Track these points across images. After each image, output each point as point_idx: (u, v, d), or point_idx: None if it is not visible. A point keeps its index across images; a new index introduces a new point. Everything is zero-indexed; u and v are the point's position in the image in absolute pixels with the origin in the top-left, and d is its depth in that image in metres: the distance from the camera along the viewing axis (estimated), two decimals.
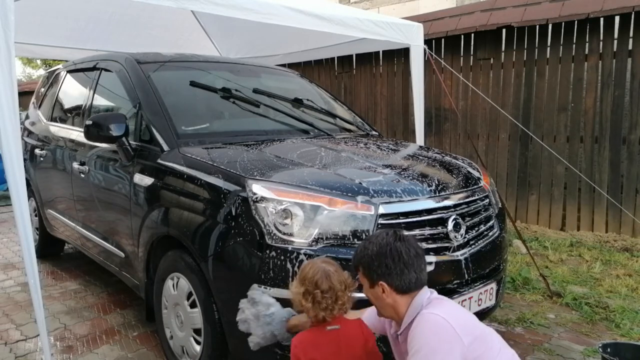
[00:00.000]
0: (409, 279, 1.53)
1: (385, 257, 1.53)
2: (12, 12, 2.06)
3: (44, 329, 2.26)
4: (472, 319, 1.57)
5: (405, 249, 1.54)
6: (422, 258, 1.58)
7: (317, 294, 1.53)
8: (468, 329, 1.46)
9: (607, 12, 4.52)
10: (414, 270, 1.53)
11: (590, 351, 2.67)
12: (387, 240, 1.56)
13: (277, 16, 2.98)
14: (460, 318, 1.49)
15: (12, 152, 2.10)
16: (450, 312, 1.50)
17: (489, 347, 1.50)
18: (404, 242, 1.56)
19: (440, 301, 1.57)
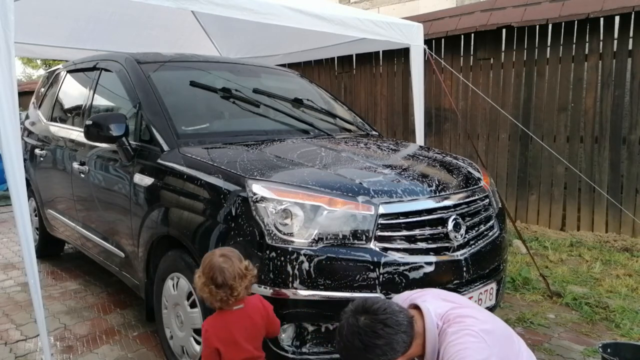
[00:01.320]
0: (403, 342, 1.48)
1: (373, 351, 1.46)
2: (12, 12, 2.06)
3: (44, 329, 2.26)
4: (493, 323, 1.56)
5: (371, 335, 1.45)
6: (388, 316, 1.48)
7: (212, 289, 1.65)
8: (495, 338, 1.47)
9: (607, 12, 4.52)
10: (395, 334, 1.46)
11: (590, 351, 2.67)
12: (362, 337, 1.46)
13: (277, 16, 2.98)
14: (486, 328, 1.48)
15: (12, 152, 2.10)
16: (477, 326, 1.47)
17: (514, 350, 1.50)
18: (360, 330, 1.46)
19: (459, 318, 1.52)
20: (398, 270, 1.99)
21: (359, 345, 1.46)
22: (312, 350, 1.99)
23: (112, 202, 2.91)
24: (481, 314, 1.59)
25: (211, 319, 1.73)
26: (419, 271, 2.04)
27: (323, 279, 1.94)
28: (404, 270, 2.01)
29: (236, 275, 1.65)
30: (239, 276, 1.66)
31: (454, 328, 1.48)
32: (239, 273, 1.66)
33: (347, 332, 1.49)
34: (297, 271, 1.92)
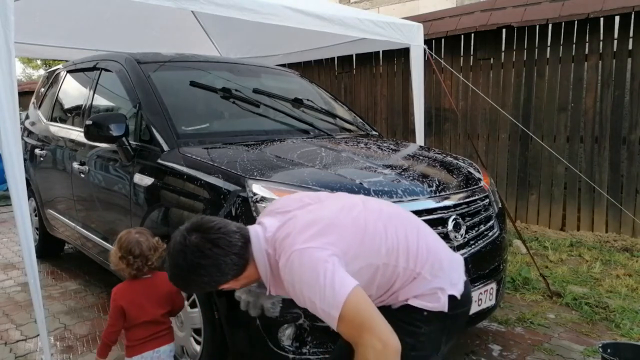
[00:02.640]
0: (232, 264, 1.38)
1: (196, 276, 1.38)
2: (12, 12, 2.06)
3: (44, 329, 2.27)
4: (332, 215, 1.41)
5: (197, 254, 1.36)
6: (220, 237, 1.37)
7: (130, 259, 1.92)
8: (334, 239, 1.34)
9: (607, 12, 4.52)
10: (225, 256, 1.37)
11: (590, 351, 2.67)
12: (183, 263, 1.38)
13: (277, 16, 2.98)
14: (319, 232, 1.34)
15: (12, 152, 2.10)
16: (301, 236, 1.34)
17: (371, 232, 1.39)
18: (187, 249, 1.37)
19: (284, 232, 1.38)
20: None
21: (182, 264, 1.38)
22: (312, 350, 1.99)
23: (112, 202, 2.91)
24: (314, 215, 1.43)
25: (121, 284, 2.00)
26: None
27: None
28: None
29: (151, 247, 1.95)
30: (153, 248, 1.95)
31: (282, 260, 1.34)
32: (152, 246, 1.95)
33: (174, 250, 1.40)
34: None
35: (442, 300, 1.41)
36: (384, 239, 1.41)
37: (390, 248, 1.41)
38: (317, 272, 1.27)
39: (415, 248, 1.43)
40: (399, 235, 1.43)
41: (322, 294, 1.25)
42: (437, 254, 1.47)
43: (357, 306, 1.25)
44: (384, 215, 1.48)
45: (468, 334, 2.86)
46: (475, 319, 2.36)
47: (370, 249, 1.39)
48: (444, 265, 1.46)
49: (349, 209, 1.46)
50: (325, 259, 1.28)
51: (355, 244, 1.37)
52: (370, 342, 1.22)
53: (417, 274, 1.41)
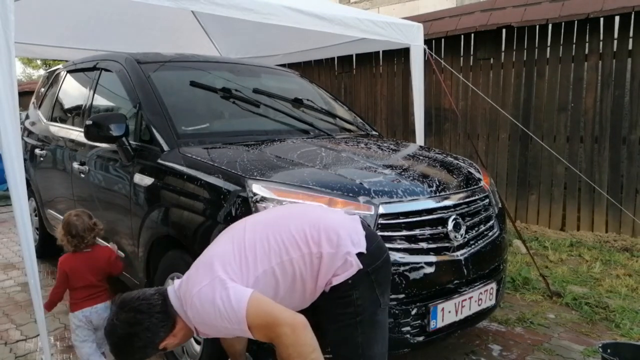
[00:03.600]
0: (161, 325, 1.54)
1: (133, 346, 1.54)
2: (12, 12, 2.06)
3: (44, 329, 2.27)
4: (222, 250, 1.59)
5: (128, 327, 1.52)
6: (141, 303, 1.55)
7: (69, 238, 2.31)
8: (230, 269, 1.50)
9: (607, 12, 4.52)
10: (151, 318, 1.53)
11: (590, 351, 2.67)
12: (122, 335, 1.54)
13: (277, 16, 2.98)
14: (204, 269, 1.53)
15: (12, 152, 2.10)
16: (193, 280, 1.53)
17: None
18: (117, 325, 1.54)
19: (183, 285, 1.57)
20: (398, 270, 1.99)
21: (117, 340, 1.55)
22: None
23: (112, 202, 2.91)
24: (202, 256, 1.63)
25: (65, 255, 2.37)
26: (419, 271, 2.04)
27: None
28: (404, 270, 2.01)
29: (85, 228, 2.32)
30: (88, 229, 2.33)
31: (188, 311, 1.52)
32: (88, 227, 2.33)
33: (108, 333, 1.58)
34: None
35: (354, 262, 1.55)
36: (265, 245, 1.56)
37: (277, 248, 1.55)
38: (214, 304, 1.44)
39: (303, 234, 1.57)
40: (282, 233, 1.58)
41: (228, 317, 1.42)
42: (328, 227, 1.60)
43: (256, 311, 1.42)
44: (264, 226, 1.64)
45: (468, 334, 2.86)
46: (475, 318, 2.36)
47: (256, 259, 1.53)
48: (340, 233, 1.59)
49: (231, 236, 1.63)
50: (216, 289, 1.45)
51: (241, 262, 1.52)
52: (282, 332, 1.39)
53: (318, 253, 1.55)
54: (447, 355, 2.66)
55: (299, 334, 1.39)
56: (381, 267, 1.63)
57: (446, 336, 2.25)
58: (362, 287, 1.57)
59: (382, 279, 1.64)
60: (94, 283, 2.35)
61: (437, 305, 2.10)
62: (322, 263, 1.54)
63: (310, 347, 1.41)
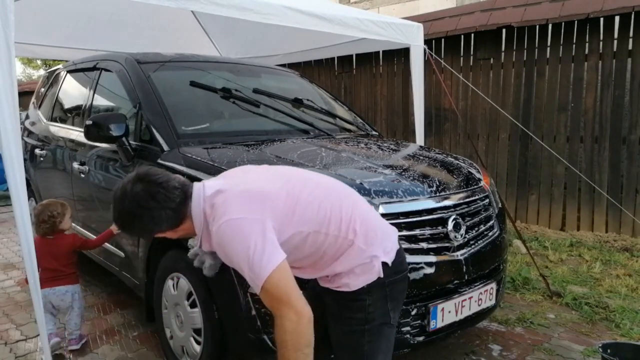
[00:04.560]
0: (167, 217, 1.48)
1: (131, 222, 1.51)
2: (12, 12, 2.06)
3: (44, 329, 2.26)
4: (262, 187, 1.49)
5: (134, 203, 1.46)
6: (159, 192, 1.46)
7: (41, 224, 2.66)
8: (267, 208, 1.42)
9: (607, 12, 4.52)
10: (161, 209, 1.46)
11: (590, 351, 2.67)
12: (121, 209, 1.50)
13: (277, 16, 2.98)
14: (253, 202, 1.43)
15: (12, 152, 2.10)
16: (236, 206, 1.42)
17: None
18: (126, 197, 1.47)
19: (221, 197, 1.47)
20: None
21: (121, 209, 1.51)
22: None
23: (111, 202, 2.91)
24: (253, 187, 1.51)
25: (36, 238, 2.60)
26: (419, 271, 2.04)
27: None
28: None
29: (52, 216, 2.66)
30: (43, 220, 2.65)
31: (215, 225, 1.43)
32: (44, 218, 2.64)
33: (117, 195, 1.52)
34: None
35: (376, 268, 1.51)
36: (315, 209, 1.50)
37: (322, 217, 1.49)
38: (247, 245, 1.37)
39: (349, 218, 1.52)
40: (333, 206, 1.52)
41: (250, 264, 1.37)
42: (371, 224, 1.57)
43: (278, 282, 1.37)
44: (320, 188, 1.58)
45: (468, 334, 2.86)
46: (475, 318, 2.36)
47: (300, 219, 1.48)
48: (377, 234, 1.56)
49: (286, 181, 1.55)
50: (255, 231, 1.38)
51: (287, 214, 1.46)
52: (287, 315, 1.37)
53: (350, 241, 1.50)
54: (447, 355, 2.66)
55: (302, 324, 1.37)
56: (398, 282, 1.59)
57: (446, 336, 2.26)
58: (376, 296, 1.54)
59: (397, 294, 1.60)
60: (55, 267, 2.65)
61: (437, 305, 2.10)
62: (347, 251, 1.51)
63: (306, 341, 1.39)
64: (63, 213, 2.72)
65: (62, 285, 2.67)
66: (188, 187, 1.53)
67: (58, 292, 2.66)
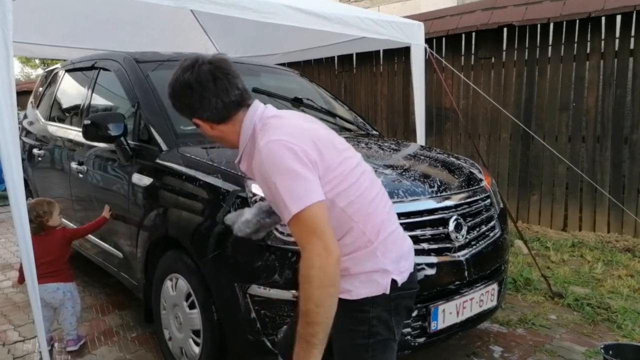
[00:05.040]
0: (214, 106, 1.43)
1: (181, 94, 1.47)
2: (10, 11, 2.04)
3: (42, 330, 2.25)
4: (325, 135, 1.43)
5: (194, 77, 1.42)
6: (222, 78, 1.43)
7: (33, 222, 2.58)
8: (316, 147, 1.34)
9: (609, 11, 4.49)
10: (214, 95, 1.42)
11: (592, 352, 2.66)
12: (181, 77, 1.46)
13: (276, 15, 2.96)
14: (309, 138, 1.36)
15: (10, 151, 2.09)
16: (291, 132, 1.36)
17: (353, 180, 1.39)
18: (193, 70, 1.43)
19: (278, 120, 1.43)
20: None
21: (181, 77, 1.46)
22: None
23: (110, 202, 2.89)
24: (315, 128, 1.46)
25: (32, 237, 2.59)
26: (420, 272, 2.02)
27: None
28: None
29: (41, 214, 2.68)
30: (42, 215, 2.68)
31: (263, 140, 1.36)
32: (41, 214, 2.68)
33: (186, 64, 1.47)
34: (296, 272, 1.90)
35: (383, 283, 1.42)
36: (357, 190, 1.41)
37: (357, 202, 1.40)
38: (294, 169, 1.28)
39: (381, 220, 1.44)
40: (375, 198, 1.45)
41: (291, 188, 1.28)
42: (396, 237, 1.48)
43: (316, 214, 1.28)
44: (370, 175, 1.51)
45: (469, 335, 2.84)
46: (477, 320, 2.34)
47: (342, 188, 1.38)
48: (397, 250, 1.46)
49: (346, 148, 1.48)
50: (304, 162, 1.30)
51: (332, 172, 1.36)
52: (316, 248, 1.26)
53: (370, 242, 1.41)
54: (448, 357, 2.64)
55: (331, 261, 1.26)
56: (405, 298, 1.50)
57: (447, 338, 2.24)
58: (380, 309, 1.44)
59: (401, 310, 1.50)
60: (48, 260, 2.65)
61: (438, 307, 2.08)
62: (361, 251, 1.41)
63: (332, 280, 1.27)
64: (50, 211, 2.71)
65: (54, 282, 2.67)
66: (249, 97, 1.51)
67: (49, 288, 2.64)
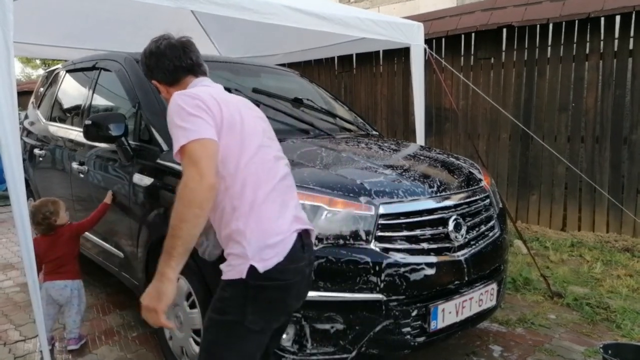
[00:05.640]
0: (166, 68, 1.72)
1: (145, 58, 1.78)
2: (11, 12, 2.05)
3: (43, 329, 2.26)
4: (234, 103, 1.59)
5: (157, 45, 1.74)
6: (178, 48, 1.74)
7: (37, 226, 2.71)
8: (222, 106, 1.51)
9: (608, 11, 4.51)
10: (168, 60, 1.71)
11: (591, 352, 2.67)
12: (148, 47, 1.78)
13: (277, 16, 2.97)
14: (215, 93, 1.56)
15: (11, 152, 2.10)
16: (201, 91, 1.57)
17: (242, 144, 1.51)
18: (158, 41, 1.75)
19: (204, 86, 1.67)
20: (398, 270, 1.98)
21: (152, 43, 1.79)
22: (312, 351, 1.98)
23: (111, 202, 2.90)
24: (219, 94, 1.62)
25: (37, 237, 2.72)
26: (419, 272, 2.03)
27: (323, 280, 1.93)
28: (404, 271, 2.00)
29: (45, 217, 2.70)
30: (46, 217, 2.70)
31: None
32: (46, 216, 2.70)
33: (154, 38, 1.79)
34: None
35: (242, 268, 1.43)
36: (250, 174, 1.50)
37: (241, 185, 1.47)
38: (188, 110, 1.46)
39: (266, 193, 1.48)
40: (262, 189, 1.49)
41: (185, 122, 1.45)
42: (266, 229, 1.46)
43: (199, 149, 1.42)
44: (272, 145, 1.64)
45: (469, 335, 2.85)
46: (476, 319, 2.35)
47: (228, 141, 1.50)
48: (261, 237, 1.44)
49: (248, 114, 1.62)
50: (203, 108, 1.47)
51: (224, 128, 1.50)
52: (192, 173, 1.40)
53: (237, 227, 1.45)
54: (447, 357, 2.65)
55: (202, 186, 1.38)
56: (267, 289, 1.45)
57: (447, 337, 2.24)
58: (235, 292, 1.46)
59: (262, 300, 1.46)
60: (58, 255, 2.70)
61: (438, 306, 2.09)
62: (231, 234, 1.47)
63: (199, 202, 1.38)
64: (56, 211, 2.73)
65: (62, 279, 2.71)
66: (201, 71, 1.79)
67: (57, 286, 2.69)
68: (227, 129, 1.49)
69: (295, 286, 1.50)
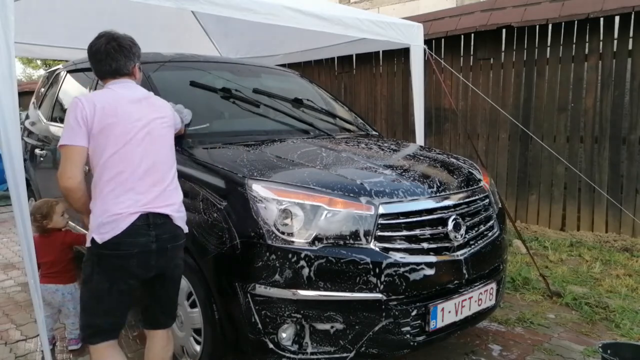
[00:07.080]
0: (93, 67, 1.99)
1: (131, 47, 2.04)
2: (12, 12, 2.06)
3: (44, 329, 2.26)
4: (119, 109, 1.87)
5: (91, 43, 1.96)
6: (102, 53, 1.93)
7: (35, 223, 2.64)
8: (99, 111, 1.82)
9: (607, 12, 4.51)
10: (93, 62, 1.97)
11: (590, 351, 2.67)
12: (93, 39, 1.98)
13: (277, 16, 2.98)
14: (99, 101, 1.84)
15: (12, 152, 2.10)
16: (93, 95, 1.92)
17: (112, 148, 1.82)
18: (101, 38, 1.95)
19: (105, 89, 1.97)
20: (398, 270, 1.99)
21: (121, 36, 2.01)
22: (311, 350, 1.99)
23: None
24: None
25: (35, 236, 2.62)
26: (419, 271, 2.04)
27: (323, 279, 1.94)
28: (404, 271, 2.01)
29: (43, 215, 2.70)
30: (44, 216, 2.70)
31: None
32: (43, 214, 2.69)
33: (100, 35, 1.99)
34: (297, 271, 1.92)
35: (89, 238, 1.83)
36: (111, 158, 1.82)
37: (102, 164, 1.82)
38: (68, 119, 1.84)
39: (103, 191, 1.82)
40: (119, 161, 1.82)
41: (66, 126, 1.84)
42: (106, 208, 1.80)
43: (68, 153, 1.82)
44: (141, 135, 1.88)
45: (468, 334, 2.86)
46: (475, 319, 2.36)
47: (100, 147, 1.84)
48: (100, 214, 1.81)
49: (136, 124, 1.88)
50: (80, 118, 1.81)
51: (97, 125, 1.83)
52: (60, 171, 1.83)
53: (93, 191, 1.85)
54: (447, 356, 2.66)
55: (61, 184, 1.83)
56: (109, 257, 1.81)
57: (446, 336, 2.26)
58: (88, 256, 1.86)
59: (107, 265, 1.82)
60: (50, 260, 2.71)
61: (437, 306, 2.10)
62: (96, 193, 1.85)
63: (65, 192, 1.85)
64: (49, 214, 2.71)
65: (53, 283, 2.70)
66: (119, 73, 1.98)
67: (49, 289, 2.68)
68: (97, 132, 1.81)
69: (135, 257, 1.82)
